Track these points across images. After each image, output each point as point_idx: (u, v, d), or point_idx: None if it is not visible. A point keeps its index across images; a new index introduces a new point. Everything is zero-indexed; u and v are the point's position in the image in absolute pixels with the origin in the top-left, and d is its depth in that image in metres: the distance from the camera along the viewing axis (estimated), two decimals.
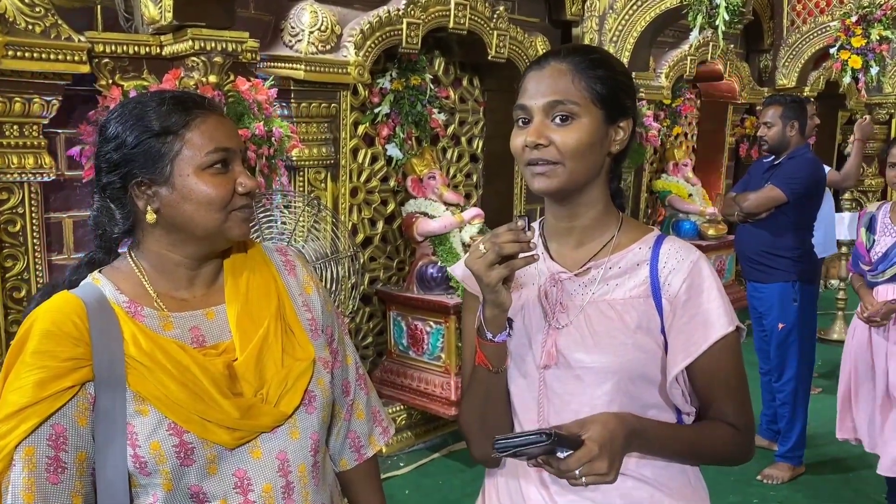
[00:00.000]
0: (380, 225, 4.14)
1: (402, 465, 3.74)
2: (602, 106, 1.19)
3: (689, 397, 1.25)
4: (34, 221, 2.69)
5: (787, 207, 3.61)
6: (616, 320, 1.20)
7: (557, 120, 1.18)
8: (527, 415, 1.26)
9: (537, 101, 1.19)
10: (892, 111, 8.21)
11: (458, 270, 1.36)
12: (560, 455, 1.05)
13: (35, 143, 2.66)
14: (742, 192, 3.92)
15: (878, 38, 5.23)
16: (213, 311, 1.20)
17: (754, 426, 1.28)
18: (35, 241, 2.70)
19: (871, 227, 3.35)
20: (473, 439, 1.31)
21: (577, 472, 1.05)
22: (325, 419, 1.27)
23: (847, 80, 5.42)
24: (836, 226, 5.10)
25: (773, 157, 3.87)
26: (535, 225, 1.34)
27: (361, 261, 3.71)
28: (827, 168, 4.66)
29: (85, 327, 1.09)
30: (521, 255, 1.10)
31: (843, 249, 5.41)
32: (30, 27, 2.54)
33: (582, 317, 1.22)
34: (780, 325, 3.65)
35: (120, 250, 1.24)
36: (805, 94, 6.53)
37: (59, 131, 2.82)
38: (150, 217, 1.14)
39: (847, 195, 5.55)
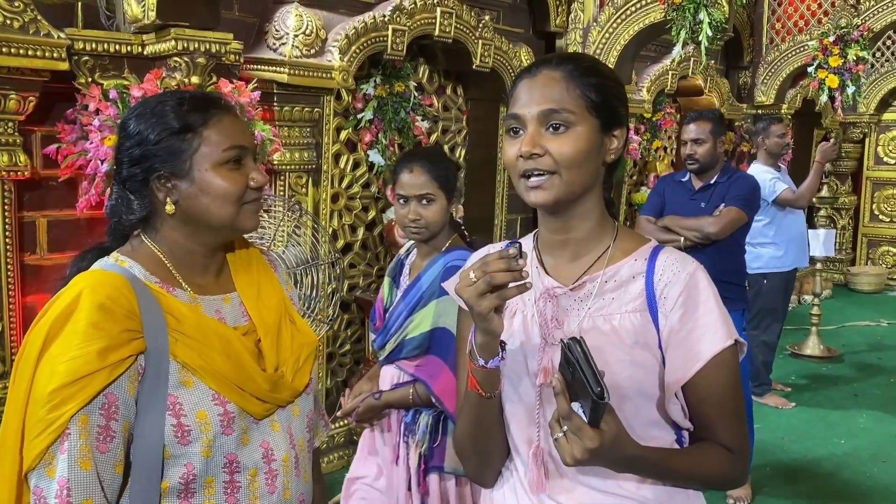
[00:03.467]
0: (360, 231, 4.11)
1: None
2: (597, 114, 1.16)
3: (687, 412, 1.20)
4: (7, 220, 2.62)
5: (739, 230, 3.41)
6: (612, 336, 1.16)
7: (552, 129, 1.14)
8: (522, 434, 1.22)
9: (531, 110, 1.15)
10: (866, 130, 8.38)
11: (451, 286, 1.30)
12: (575, 408, 1.02)
13: (10, 140, 2.59)
14: (657, 213, 3.64)
15: (854, 58, 5.33)
16: (228, 297, 1.29)
17: (748, 449, 1.23)
18: (7, 240, 2.63)
19: (396, 279, 2.31)
20: (467, 459, 1.28)
21: (566, 430, 1.02)
22: (313, 401, 1.38)
23: (824, 98, 5.52)
24: (810, 241, 5.15)
25: (688, 174, 3.61)
26: (529, 238, 1.30)
27: (342, 267, 3.67)
28: (785, 186, 4.65)
29: (135, 301, 1.14)
30: (513, 284, 1.05)
31: (818, 266, 5.47)
32: (8, 22, 2.49)
33: (577, 333, 1.17)
34: None
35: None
36: (783, 111, 6.63)
37: (36, 129, 2.76)
38: (170, 208, 1.21)
39: (822, 212, 5.61)
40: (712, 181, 3.53)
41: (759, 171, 4.70)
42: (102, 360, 1.08)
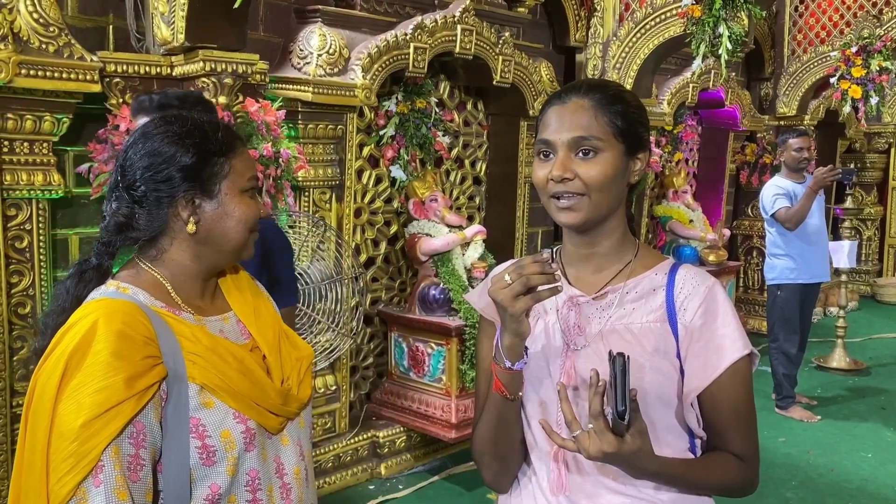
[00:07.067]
0: (382, 246, 4.16)
1: (400, 487, 3.72)
2: (623, 140, 1.23)
3: (701, 422, 1.27)
4: (41, 238, 2.70)
5: None
6: (634, 343, 1.22)
7: (581, 154, 1.22)
8: (543, 435, 1.25)
9: (562, 137, 1.22)
10: (892, 140, 8.30)
11: (473, 298, 1.38)
12: (607, 412, 1.09)
13: (44, 160, 2.68)
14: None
15: (877, 68, 5.31)
16: (226, 316, 1.32)
17: (758, 457, 1.29)
18: (42, 257, 2.71)
19: None
20: (485, 463, 1.33)
21: (591, 428, 1.09)
22: (310, 412, 1.41)
23: (847, 109, 5.49)
24: (833, 253, 5.11)
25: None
26: (548, 252, 1.37)
27: (364, 281, 3.72)
28: (785, 204, 4.53)
29: (151, 327, 1.16)
30: (545, 286, 1.13)
31: (843, 277, 5.42)
32: (43, 46, 2.57)
33: (600, 340, 1.24)
34: None
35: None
36: (805, 122, 6.58)
37: (69, 149, 2.84)
38: (191, 228, 1.23)
39: (847, 223, 5.56)
40: None
41: (770, 183, 4.74)
42: (130, 389, 1.09)
